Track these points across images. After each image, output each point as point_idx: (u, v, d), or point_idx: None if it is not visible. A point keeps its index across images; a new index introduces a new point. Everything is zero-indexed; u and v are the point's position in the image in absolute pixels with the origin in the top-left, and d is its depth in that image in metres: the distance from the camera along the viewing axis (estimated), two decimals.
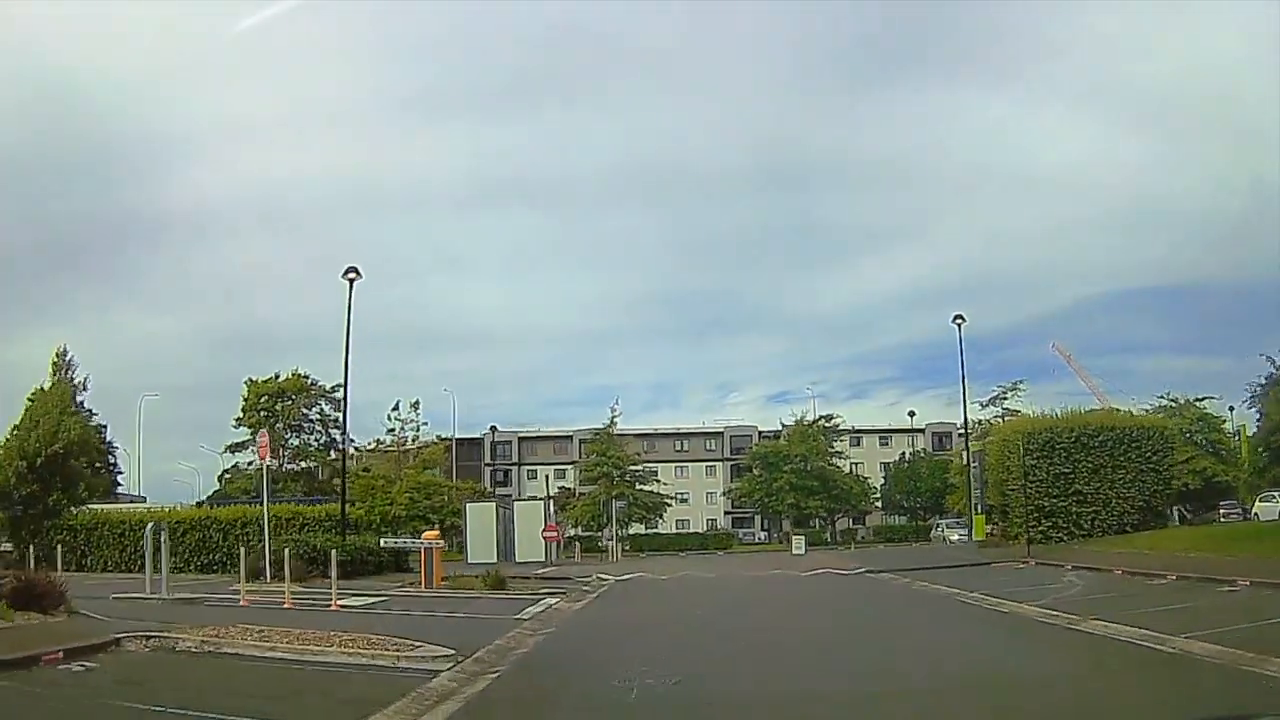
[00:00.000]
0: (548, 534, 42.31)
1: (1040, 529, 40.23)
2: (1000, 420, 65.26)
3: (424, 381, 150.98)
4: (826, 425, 67.24)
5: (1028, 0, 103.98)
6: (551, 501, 46.84)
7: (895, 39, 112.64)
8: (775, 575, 35.27)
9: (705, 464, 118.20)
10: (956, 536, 58.94)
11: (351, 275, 35.65)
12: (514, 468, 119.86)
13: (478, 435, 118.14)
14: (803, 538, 59.64)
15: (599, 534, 62.24)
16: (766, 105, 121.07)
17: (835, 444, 65.73)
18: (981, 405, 66.55)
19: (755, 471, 66.54)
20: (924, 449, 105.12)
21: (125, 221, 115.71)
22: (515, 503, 49.39)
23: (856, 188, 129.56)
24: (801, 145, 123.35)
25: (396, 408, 65.84)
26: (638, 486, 64.06)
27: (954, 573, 31.17)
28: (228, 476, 76.16)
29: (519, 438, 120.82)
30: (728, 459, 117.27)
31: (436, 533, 28.52)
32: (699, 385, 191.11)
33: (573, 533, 58.27)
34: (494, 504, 48.34)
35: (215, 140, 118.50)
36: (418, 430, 64.98)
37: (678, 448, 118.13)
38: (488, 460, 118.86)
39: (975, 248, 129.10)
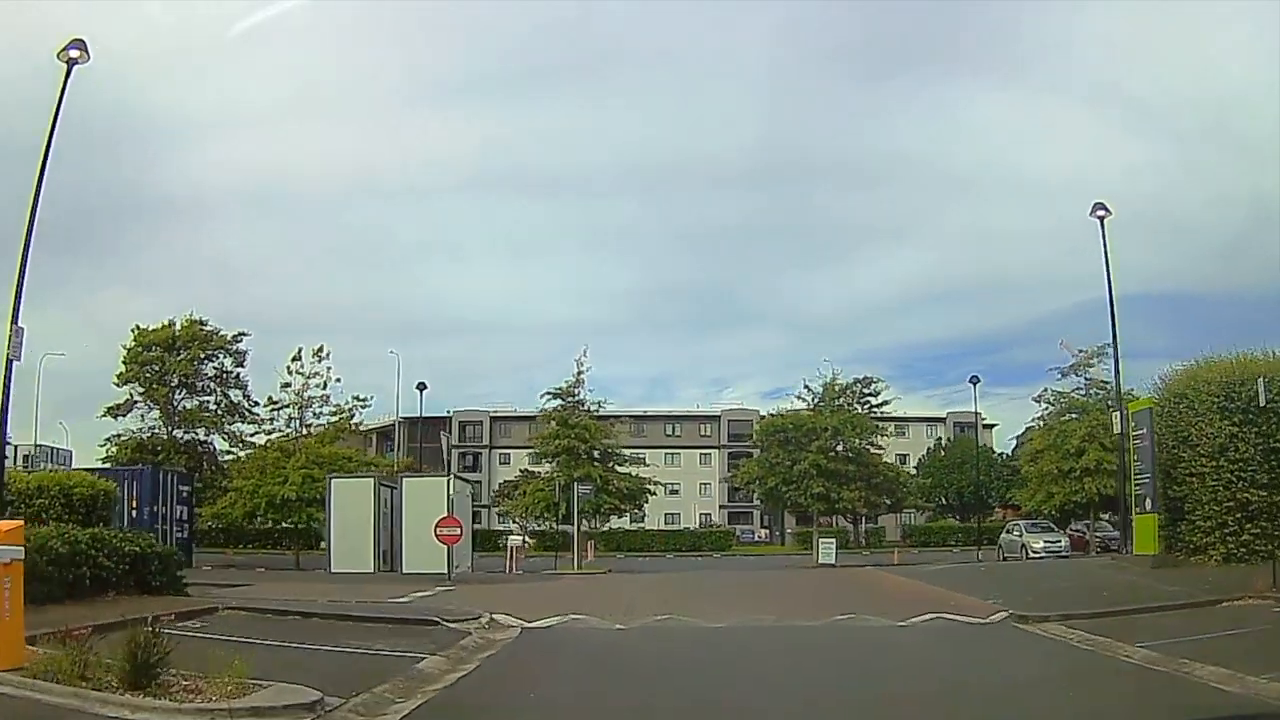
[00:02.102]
0: (443, 533, 25.58)
1: (1239, 538, 23.38)
2: (1083, 395, 48.60)
3: (418, 367, 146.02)
4: (866, 392, 48.08)
5: (1032, 1, 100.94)
6: (458, 481, 29.79)
7: (897, 36, 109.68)
8: (851, 627, 17.21)
9: (699, 451, 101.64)
10: (1042, 545, 42.64)
11: (75, 55, 18.78)
12: (484, 451, 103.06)
13: (442, 414, 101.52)
14: (834, 541, 42.89)
15: (558, 529, 45.56)
16: (767, 100, 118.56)
17: (874, 416, 47.97)
18: (1061, 374, 49.59)
19: (769, 451, 48.54)
20: (946, 439, 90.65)
21: (121, 205, 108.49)
22: (405, 480, 32.48)
23: (856, 184, 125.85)
24: (802, 140, 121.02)
25: (297, 357, 48.90)
26: (612, 467, 45.30)
27: (1185, 621, 15.29)
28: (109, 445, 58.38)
29: (490, 418, 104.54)
30: (724, 446, 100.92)
31: (14, 525, 10.52)
32: (694, 379, 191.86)
33: (516, 535, 40.64)
34: (371, 481, 31.33)
35: (215, 126, 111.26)
36: (324, 387, 47.95)
37: (669, 432, 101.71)
38: (456, 442, 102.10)
39: (974, 248, 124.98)
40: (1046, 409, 51.65)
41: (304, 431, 48.50)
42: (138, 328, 56.51)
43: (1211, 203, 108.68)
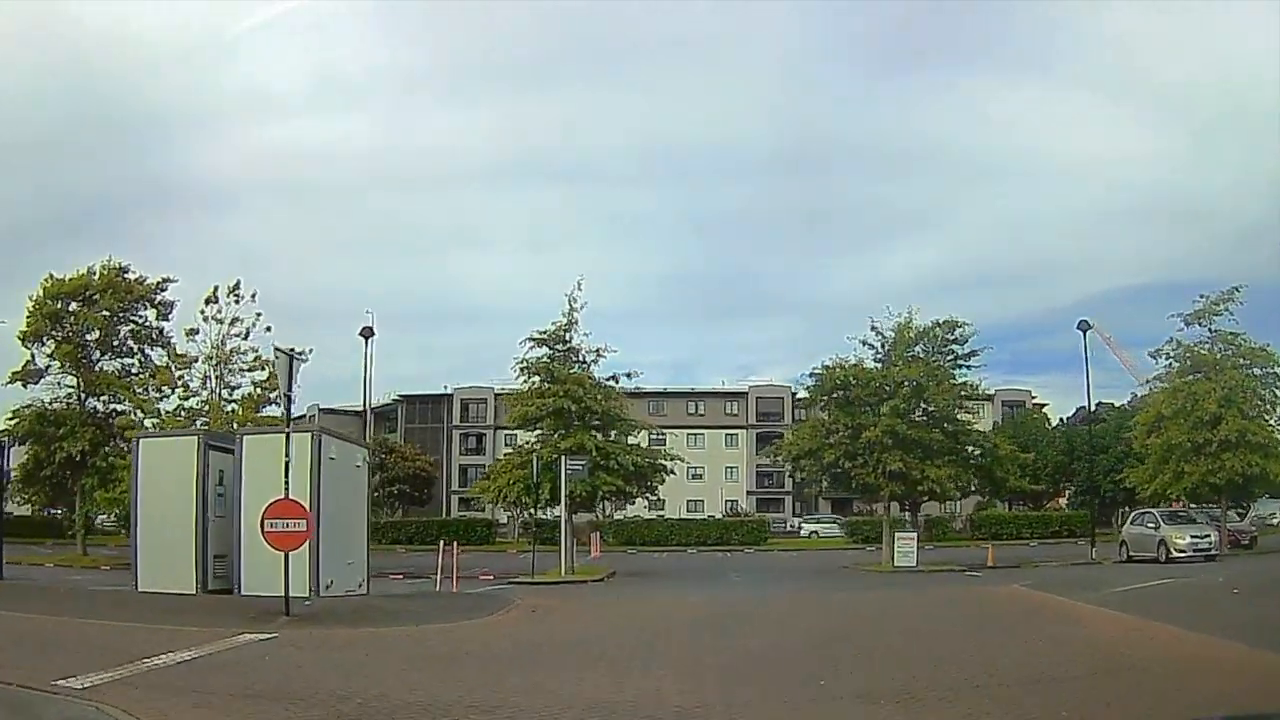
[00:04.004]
0: (274, 528, 13.94)
1: None
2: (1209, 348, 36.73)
3: (443, 353, 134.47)
4: (950, 339, 32.62)
5: None
6: (334, 440, 17.74)
7: (918, 26, 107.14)
8: None
9: (725, 431, 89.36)
10: (1188, 541, 30.57)
11: None
12: (488, 431, 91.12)
13: (441, 391, 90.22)
14: (914, 538, 30.72)
15: (533, 516, 33.34)
16: (788, 88, 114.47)
17: (962, 373, 33.05)
18: (1185, 322, 37.34)
19: (829, 414, 33.48)
20: (994, 421, 78.36)
21: (144, 192, 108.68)
22: (247, 438, 17.25)
23: (876, 173, 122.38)
24: (822, 129, 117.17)
25: (212, 298, 37.33)
26: (616, 438, 31.63)
27: None
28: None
29: (495, 395, 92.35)
30: (753, 426, 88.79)
31: None
32: (716, 367, 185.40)
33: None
34: (194, 441, 18.89)
35: (238, 114, 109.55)
36: (247, 336, 36.29)
37: (691, 411, 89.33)
38: (456, 422, 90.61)
39: (993, 237, 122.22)
40: (1169, 365, 39.39)
41: (225, 394, 37.00)
42: (50, 276, 44.63)
43: (1231, 191, 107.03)
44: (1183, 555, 30.65)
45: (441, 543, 23.73)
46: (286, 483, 13.92)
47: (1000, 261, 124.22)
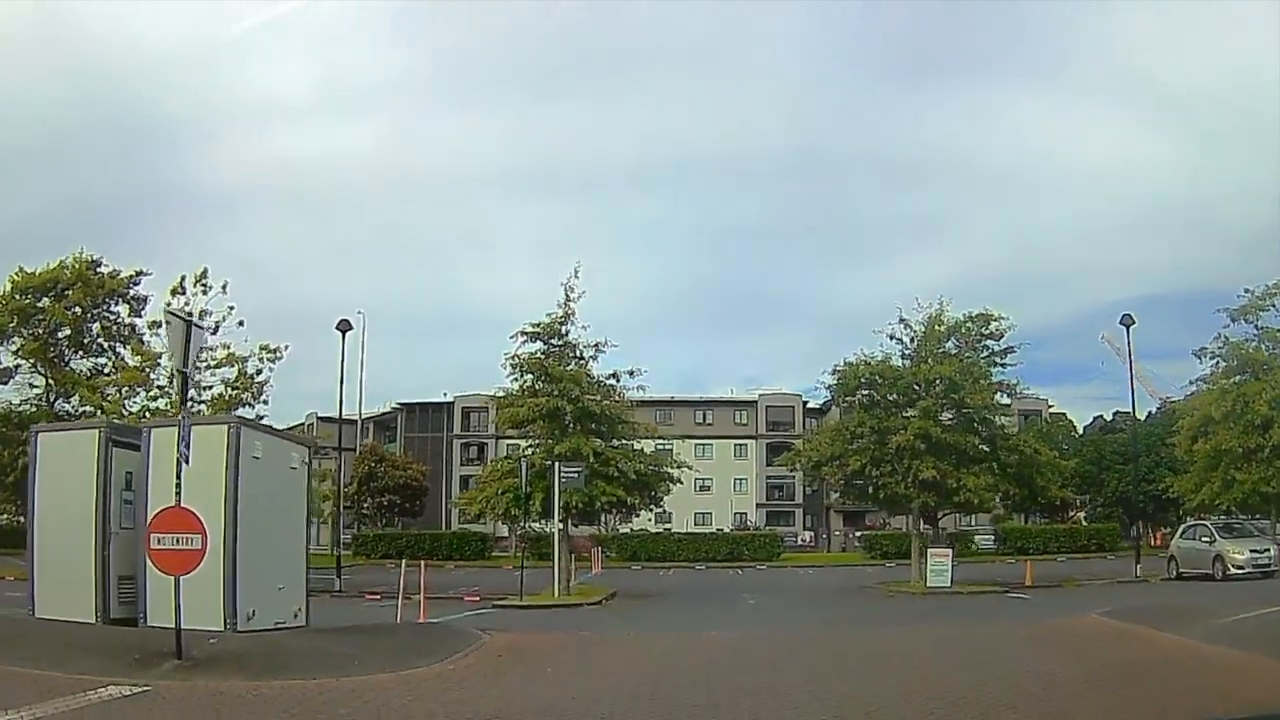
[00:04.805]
0: (158, 546, 10.98)
1: None
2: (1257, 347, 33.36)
3: (450, 364, 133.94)
4: (985, 334, 28.77)
5: (1062, 2, 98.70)
6: (259, 434, 14.62)
7: (929, 37, 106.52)
8: None
9: (735, 441, 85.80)
10: (1247, 556, 27.74)
11: None
12: (490, 441, 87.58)
13: (441, 399, 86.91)
14: (949, 554, 27.14)
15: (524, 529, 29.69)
16: (799, 98, 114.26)
17: (998, 372, 29.24)
18: (1230, 318, 34.14)
19: (851, 416, 30.03)
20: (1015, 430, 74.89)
21: (153, 198, 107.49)
22: (154, 431, 13.35)
23: (887, 184, 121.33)
24: (833, 139, 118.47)
25: (179, 289, 34.23)
26: (617, 443, 27.79)
27: None
28: None
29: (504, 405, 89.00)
30: (763, 436, 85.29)
31: None
32: (724, 378, 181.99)
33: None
34: (95, 435, 15.61)
35: (245, 121, 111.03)
36: (215, 330, 33.02)
37: (699, 420, 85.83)
38: (458, 431, 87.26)
39: (1005, 247, 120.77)
40: (1215, 366, 35.95)
41: (194, 395, 33.69)
42: (20, 269, 41.48)
43: (1242, 200, 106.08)
44: (1240, 572, 27.45)
45: (404, 562, 20.35)
46: (178, 485, 10.60)
47: (1012, 271, 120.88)
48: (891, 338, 28.76)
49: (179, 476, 10.57)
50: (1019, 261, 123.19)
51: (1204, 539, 30.30)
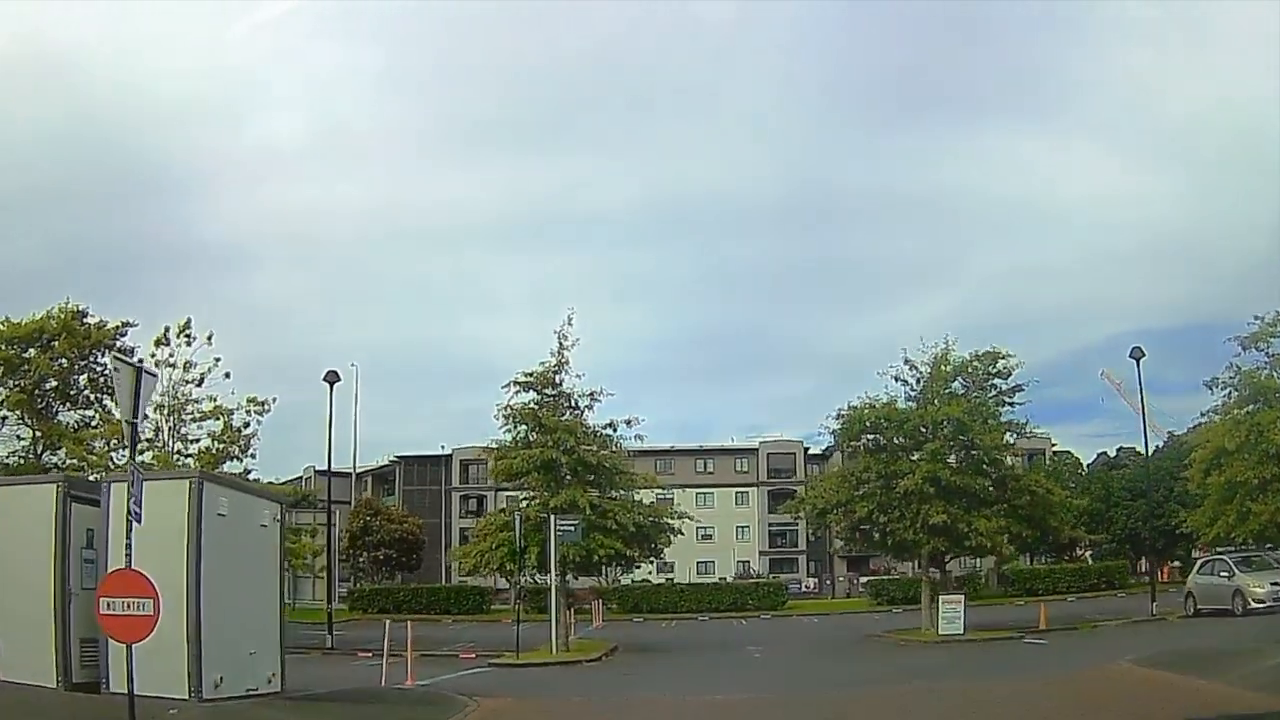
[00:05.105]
0: (108, 610, 10.12)
1: None
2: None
3: (449, 417, 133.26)
4: (992, 372, 27.84)
5: (1059, 38, 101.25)
6: (225, 490, 13.68)
7: (926, 77, 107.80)
8: None
9: (736, 489, 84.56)
10: (1268, 589, 26.57)
11: None
12: (489, 494, 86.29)
13: (439, 452, 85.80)
14: (962, 600, 26.06)
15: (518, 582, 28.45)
16: (797, 142, 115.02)
17: (1007, 412, 28.30)
18: (1242, 346, 33.33)
19: (856, 461, 28.90)
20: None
21: (147, 248, 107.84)
22: (113, 485, 11.95)
23: (887, 225, 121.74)
24: (832, 182, 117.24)
25: (163, 340, 33.58)
26: (615, 494, 26.91)
27: None
28: None
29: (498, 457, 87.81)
30: (764, 483, 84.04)
31: None
32: (724, 426, 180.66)
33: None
34: (53, 491, 14.67)
35: (245, 171, 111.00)
36: (201, 383, 32.32)
37: (700, 469, 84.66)
38: (456, 484, 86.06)
39: (1005, 285, 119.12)
40: (1227, 396, 35.05)
41: (179, 448, 32.94)
42: (6, 319, 40.59)
43: (1241, 231, 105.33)
44: (1261, 606, 26.37)
45: (388, 620, 19.35)
46: (128, 545, 9.72)
47: (1012, 307, 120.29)
48: (896, 379, 27.90)
49: (129, 536, 9.69)
50: (1018, 298, 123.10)
51: (1222, 574, 29.26)
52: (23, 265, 79.54)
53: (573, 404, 26.95)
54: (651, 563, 33.41)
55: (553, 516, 24.30)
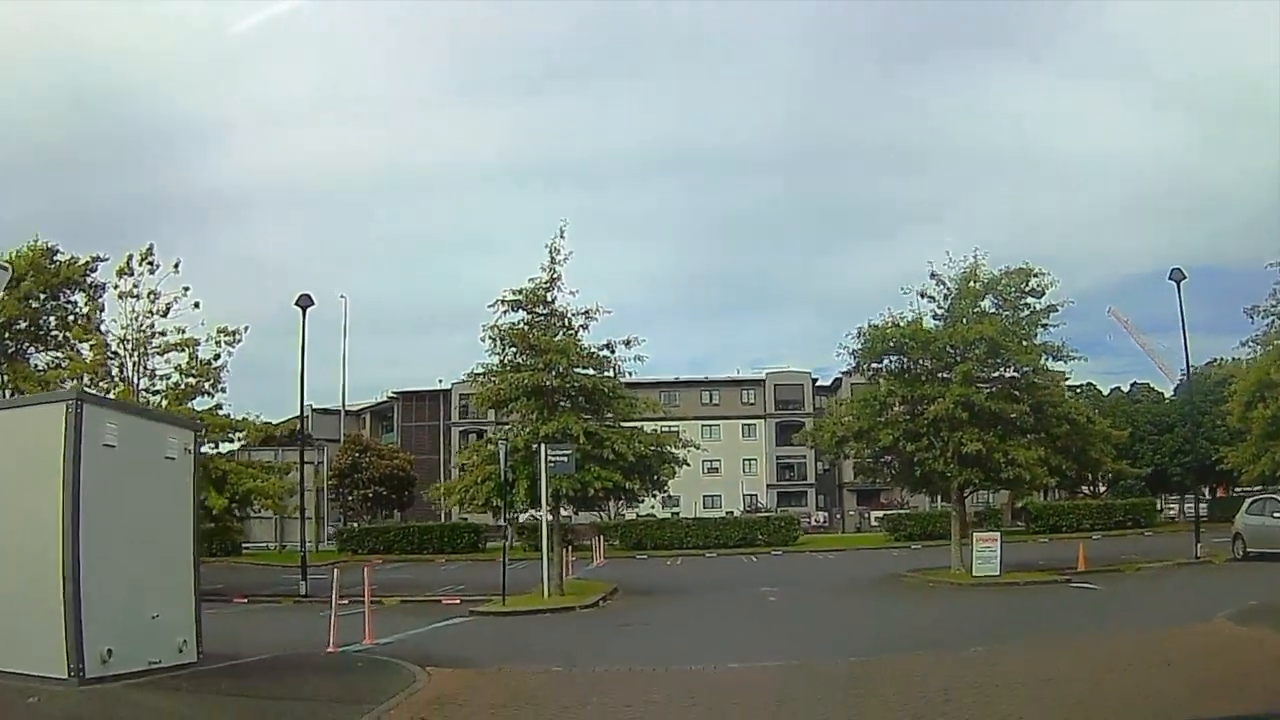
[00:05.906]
0: None
1: None
2: None
3: (452, 358, 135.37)
4: (1026, 290, 24.87)
5: None
6: (101, 411, 11.34)
7: (927, 20, 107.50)
8: None
9: (743, 421, 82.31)
10: None
11: None
12: (490, 429, 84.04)
13: (438, 387, 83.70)
14: (998, 537, 23.63)
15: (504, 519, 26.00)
16: (798, 84, 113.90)
17: (1042, 333, 25.02)
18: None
19: (879, 385, 25.68)
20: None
21: (153, 204, 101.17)
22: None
23: (887, 168, 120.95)
24: (832, 125, 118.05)
25: (126, 270, 30.94)
26: (611, 423, 24.32)
27: None
28: None
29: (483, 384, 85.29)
30: (772, 415, 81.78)
31: None
32: (729, 363, 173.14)
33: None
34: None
35: (247, 124, 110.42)
36: (166, 313, 29.73)
37: (705, 400, 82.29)
38: (455, 419, 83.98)
39: (1006, 228, 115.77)
40: (1269, 325, 32.57)
41: (146, 384, 30.43)
42: None
43: (1242, 179, 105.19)
44: None
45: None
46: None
47: (1013, 252, 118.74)
48: (923, 295, 25.03)
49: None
50: (1020, 243, 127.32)
51: (1275, 514, 26.78)
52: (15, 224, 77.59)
53: (566, 324, 24.26)
54: (655, 497, 31.01)
55: (543, 446, 21.78)
